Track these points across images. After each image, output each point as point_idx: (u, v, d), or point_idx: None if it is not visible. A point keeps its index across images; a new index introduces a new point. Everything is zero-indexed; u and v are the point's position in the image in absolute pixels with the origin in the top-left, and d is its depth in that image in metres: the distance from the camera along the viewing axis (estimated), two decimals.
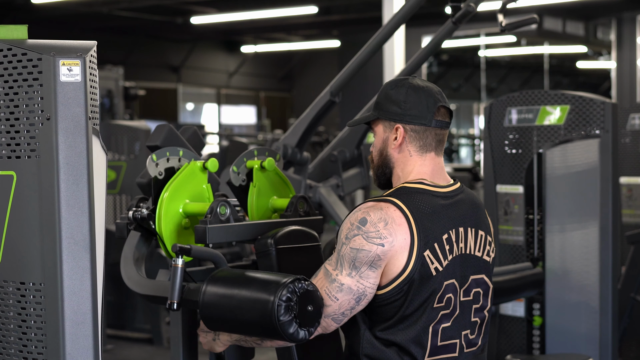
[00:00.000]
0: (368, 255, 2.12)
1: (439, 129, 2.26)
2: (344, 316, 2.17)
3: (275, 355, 2.52)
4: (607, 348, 3.71)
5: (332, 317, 2.16)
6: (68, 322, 1.86)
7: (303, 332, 2.09)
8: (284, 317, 2.05)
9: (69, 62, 1.86)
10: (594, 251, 3.73)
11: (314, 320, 2.12)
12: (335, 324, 2.18)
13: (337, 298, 2.14)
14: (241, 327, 2.19)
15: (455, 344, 2.22)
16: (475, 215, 2.29)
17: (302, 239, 2.53)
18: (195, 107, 19.03)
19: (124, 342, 6.32)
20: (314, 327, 2.12)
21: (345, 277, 2.14)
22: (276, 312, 2.05)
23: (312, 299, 2.11)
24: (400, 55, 8.08)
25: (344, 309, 2.15)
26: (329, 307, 2.15)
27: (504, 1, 3.90)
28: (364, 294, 2.14)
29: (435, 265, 2.15)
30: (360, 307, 2.16)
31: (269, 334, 2.13)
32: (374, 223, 2.13)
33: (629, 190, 5.56)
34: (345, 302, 2.15)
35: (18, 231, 1.88)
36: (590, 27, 13.59)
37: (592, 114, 3.76)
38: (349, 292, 2.14)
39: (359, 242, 2.13)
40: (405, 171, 2.27)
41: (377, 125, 2.32)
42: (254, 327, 2.14)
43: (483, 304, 2.30)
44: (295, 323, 2.08)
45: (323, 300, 2.15)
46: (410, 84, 2.26)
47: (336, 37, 16.21)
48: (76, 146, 1.86)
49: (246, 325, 2.15)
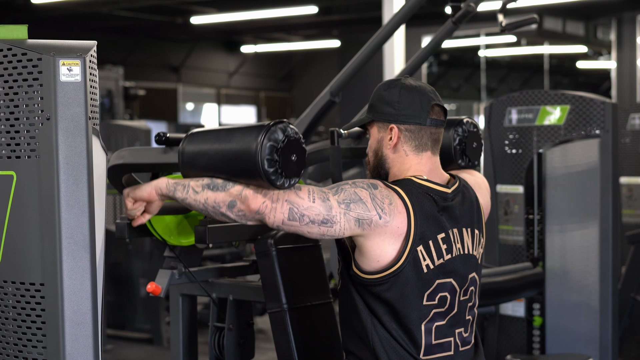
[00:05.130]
0: (365, 212, 2.11)
1: (434, 128, 2.26)
2: (299, 221, 2.09)
3: (275, 355, 2.53)
4: (607, 348, 3.71)
5: (291, 208, 2.09)
6: (68, 322, 1.86)
7: (281, 175, 2.06)
8: (268, 156, 2.02)
9: (69, 62, 1.86)
10: (594, 251, 3.73)
11: (296, 171, 2.08)
12: (283, 217, 2.09)
13: (314, 201, 2.09)
14: (221, 164, 2.11)
15: (450, 342, 2.22)
16: (471, 213, 2.29)
17: (302, 239, 2.54)
18: (195, 107, 19.02)
19: (124, 342, 6.33)
20: (293, 180, 2.08)
21: (334, 200, 2.11)
22: (260, 148, 2.02)
23: (296, 149, 2.08)
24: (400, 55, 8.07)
25: (307, 213, 2.09)
26: (300, 199, 2.09)
27: (504, 1, 3.90)
28: (332, 223, 2.10)
29: (426, 263, 2.15)
30: (315, 230, 2.10)
31: (248, 169, 2.06)
32: (383, 195, 2.14)
33: (629, 190, 5.56)
34: (315, 211, 2.09)
35: (18, 231, 1.88)
36: (590, 27, 13.58)
37: (592, 114, 3.76)
38: (326, 209, 2.09)
39: (364, 195, 2.13)
40: (402, 170, 2.26)
41: (372, 127, 2.32)
42: (234, 162, 2.08)
43: (474, 302, 2.31)
44: (279, 169, 2.04)
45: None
46: (403, 84, 2.27)
47: (336, 37, 16.21)
48: (76, 146, 1.86)
49: (227, 162, 2.09)
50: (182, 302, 2.78)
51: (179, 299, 2.77)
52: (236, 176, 2.11)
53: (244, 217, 2.13)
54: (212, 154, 2.12)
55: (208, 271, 2.74)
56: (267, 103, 19.59)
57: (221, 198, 2.11)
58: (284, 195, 2.09)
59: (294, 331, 2.50)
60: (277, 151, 2.04)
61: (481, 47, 14.05)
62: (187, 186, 2.15)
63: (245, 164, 2.05)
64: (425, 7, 5.82)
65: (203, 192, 2.13)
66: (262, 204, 2.09)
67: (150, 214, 2.26)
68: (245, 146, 2.05)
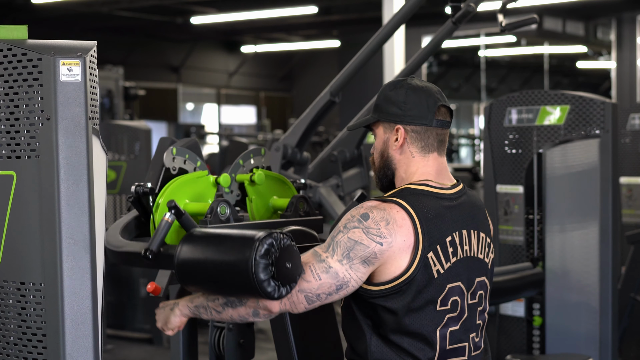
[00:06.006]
0: (365, 250, 2.09)
1: (440, 129, 2.25)
2: (318, 299, 2.12)
3: (275, 355, 2.53)
4: (607, 348, 3.71)
5: (306, 295, 2.11)
6: (68, 322, 1.86)
7: (279, 288, 2.05)
8: (263, 275, 2.01)
9: (69, 62, 1.86)
10: (594, 251, 3.73)
11: (293, 276, 2.08)
12: (304, 304, 2.13)
13: (320, 277, 2.10)
14: (216, 282, 2.13)
15: (465, 347, 2.20)
16: (477, 217, 2.28)
17: (302, 239, 2.53)
18: (195, 107, 19.03)
19: (124, 342, 6.33)
20: (292, 285, 2.07)
21: (335, 262, 2.10)
22: (253, 267, 2.01)
23: (290, 256, 2.07)
24: (400, 55, 8.08)
25: (321, 291, 2.11)
26: (308, 283, 2.11)
27: (504, 1, 3.90)
28: (346, 284, 2.10)
29: (437, 268, 2.13)
30: (336, 297, 2.12)
31: (245, 286, 2.07)
32: (376, 221, 2.11)
33: (629, 190, 5.56)
34: (326, 285, 2.10)
35: (18, 231, 1.88)
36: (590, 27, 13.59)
37: (592, 114, 3.76)
38: (334, 277, 2.10)
39: (358, 234, 2.10)
40: (408, 172, 2.25)
41: (378, 127, 2.30)
42: (230, 281, 2.09)
43: (485, 306, 2.29)
44: (272, 279, 2.03)
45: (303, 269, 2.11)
46: (409, 85, 2.25)
47: (336, 37, 16.21)
48: (76, 146, 1.86)
49: (222, 280, 2.11)
50: None
51: None
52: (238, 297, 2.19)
53: (272, 317, 2.21)
54: (207, 287, 2.18)
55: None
56: (267, 103, 19.59)
57: (244, 312, 2.19)
58: (295, 287, 2.10)
59: (294, 331, 2.50)
60: (273, 277, 2.03)
61: (481, 47, 14.06)
62: (208, 308, 2.24)
63: (247, 292, 2.10)
64: (425, 7, 5.82)
65: (225, 311, 2.21)
66: (281, 304, 2.13)
67: (181, 327, 2.36)
68: (241, 280, 2.05)
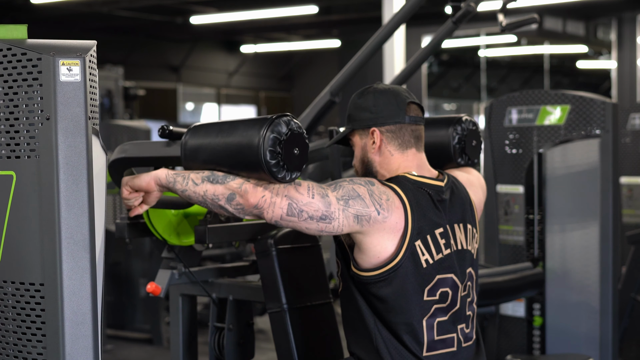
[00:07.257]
0: (363, 208, 2.10)
1: (414, 125, 2.28)
2: (298, 216, 2.07)
3: (275, 355, 2.53)
4: (607, 348, 3.71)
5: (290, 203, 2.07)
6: (68, 322, 1.86)
7: (282, 167, 2.04)
8: (271, 146, 2.01)
9: (68, 62, 1.86)
10: (594, 251, 3.73)
11: (298, 164, 2.06)
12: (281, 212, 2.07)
13: (314, 197, 2.08)
14: (225, 150, 2.09)
15: (453, 338, 2.23)
16: (463, 208, 2.31)
17: (302, 239, 2.54)
18: (195, 107, 19.02)
19: (124, 342, 6.32)
20: (294, 173, 2.06)
21: (333, 197, 2.10)
22: (264, 138, 2.00)
23: (300, 143, 2.07)
24: (400, 55, 8.07)
25: (306, 209, 2.07)
26: (300, 195, 2.08)
27: (504, 1, 3.90)
28: (330, 219, 2.08)
29: (425, 257, 2.16)
30: (313, 226, 2.09)
31: (251, 162, 2.04)
32: (380, 191, 2.14)
33: (629, 190, 5.56)
34: (314, 206, 2.08)
35: (18, 231, 1.88)
36: (591, 27, 13.58)
37: (592, 114, 3.76)
38: (325, 204, 2.08)
39: (362, 191, 2.13)
40: (391, 170, 2.27)
41: (354, 137, 2.33)
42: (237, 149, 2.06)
43: (473, 297, 2.32)
44: (278, 155, 2.02)
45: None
46: (375, 89, 2.30)
47: (336, 37, 16.21)
48: (76, 146, 1.86)
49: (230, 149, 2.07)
50: (182, 302, 2.78)
51: (179, 299, 2.77)
52: (238, 169, 2.09)
53: (242, 211, 2.11)
54: (214, 146, 2.10)
55: (208, 271, 2.74)
56: (267, 103, 19.60)
57: (220, 191, 2.09)
58: (283, 190, 2.07)
59: (294, 331, 2.50)
60: (279, 143, 2.03)
61: (481, 47, 14.06)
62: (186, 178, 2.13)
63: (247, 156, 2.04)
64: (425, 7, 5.81)
65: (203, 184, 2.10)
66: (262, 198, 2.07)
67: (148, 205, 2.23)
68: (248, 138, 2.04)
